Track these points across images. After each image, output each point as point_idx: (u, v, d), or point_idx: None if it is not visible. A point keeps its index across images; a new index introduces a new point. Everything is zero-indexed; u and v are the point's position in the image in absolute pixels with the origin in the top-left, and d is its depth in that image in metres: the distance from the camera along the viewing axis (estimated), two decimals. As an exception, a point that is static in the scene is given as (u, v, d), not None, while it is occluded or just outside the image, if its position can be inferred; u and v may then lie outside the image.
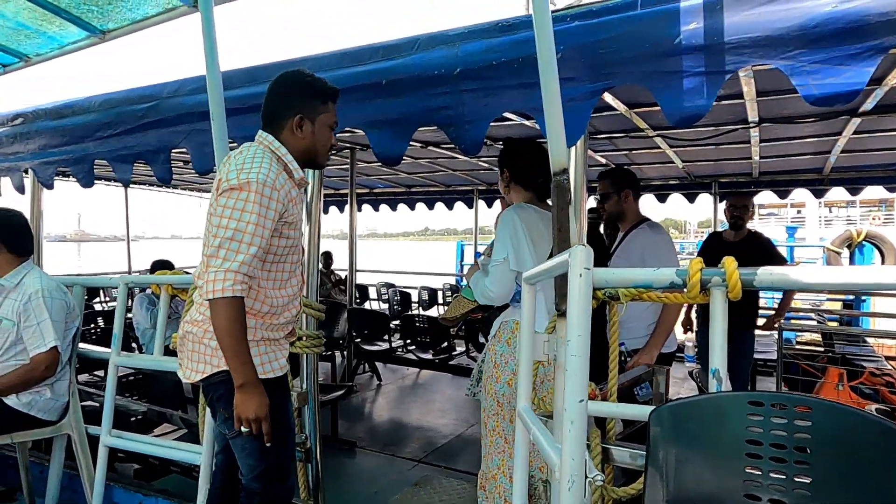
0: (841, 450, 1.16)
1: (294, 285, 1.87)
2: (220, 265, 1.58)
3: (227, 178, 1.66)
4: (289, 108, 1.78)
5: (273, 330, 1.81)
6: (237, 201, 1.62)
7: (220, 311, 1.59)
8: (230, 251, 1.60)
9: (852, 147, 4.35)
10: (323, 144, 1.84)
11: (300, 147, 1.80)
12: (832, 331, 4.97)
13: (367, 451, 3.96)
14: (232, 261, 1.59)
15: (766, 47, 1.51)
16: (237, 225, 1.61)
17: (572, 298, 0.90)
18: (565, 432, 0.87)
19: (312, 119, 1.80)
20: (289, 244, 1.79)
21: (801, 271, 1.26)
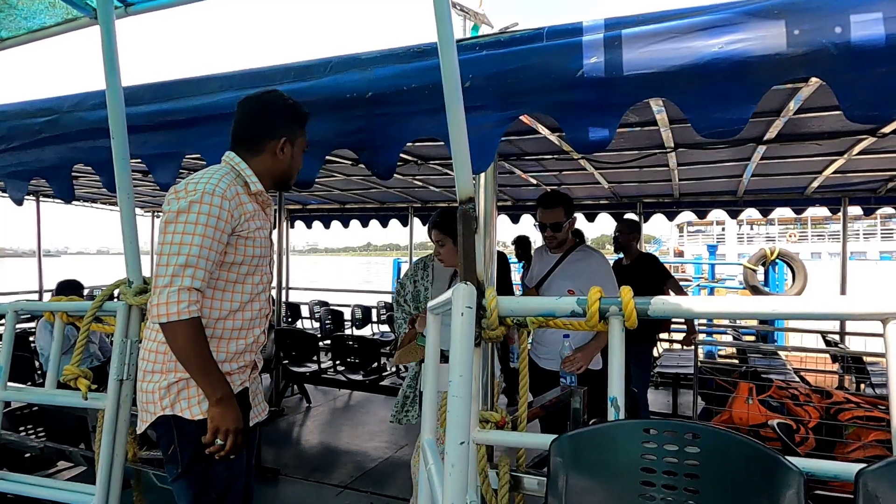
0: (727, 476, 1.20)
1: (255, 310, 1.78)
2: (171, 283, 1.54)
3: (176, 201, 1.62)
4: (273, 130, 1.78)
5: (227, 360, 1.71)
6: (185, 224, 1.58)
7: (177, 334, 1.54)
8: (178, 267, 1.55)
9: (762, 171, 4.64)
10: (297, 167, 1.88)
11: (278, 169, 1.82)
12: (745, 346, 5.23)
13: (291, 478, 3.82)
14: (181, 276, 1.54)
15: (661, 83, 1.57)
16: (182, 240, 1.56)
17: (454, 338, 0.88)
18: (446, 476, 0.84)
19: (293, 143, 1.82)
20: (247, 262, 1.72)
21: (690, 301, 1.30)
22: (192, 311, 1.54)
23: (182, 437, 1.65)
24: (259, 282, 1.79)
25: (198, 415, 1.64)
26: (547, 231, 2.94)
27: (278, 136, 1.78)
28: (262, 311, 1.82)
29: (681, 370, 5.24)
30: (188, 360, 1.57)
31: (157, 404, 1.64)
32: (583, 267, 2.86)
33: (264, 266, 1.81)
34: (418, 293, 3.31)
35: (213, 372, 1.59)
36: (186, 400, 1.65)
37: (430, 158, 4.54)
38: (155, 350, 1.67)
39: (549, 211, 2.96)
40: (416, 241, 8.05)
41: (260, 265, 1.78)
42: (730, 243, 18.03)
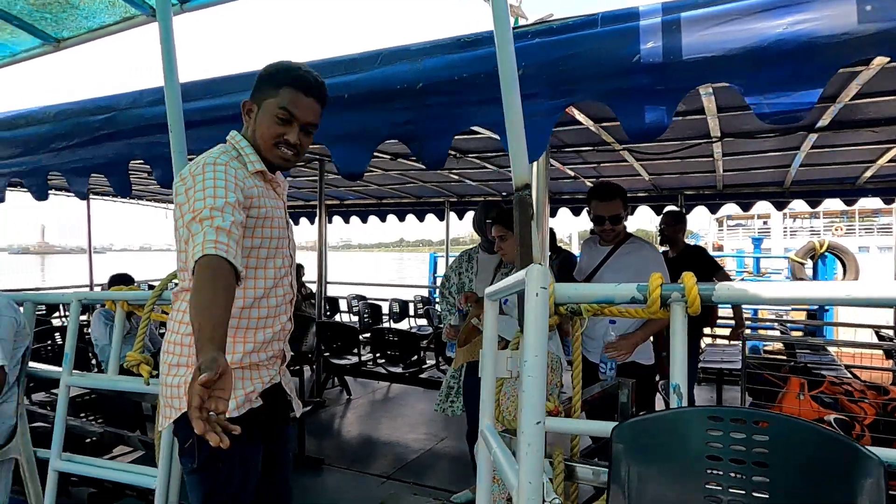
0: (798, 464, 1.17)
1: (279, 296, 1.64)
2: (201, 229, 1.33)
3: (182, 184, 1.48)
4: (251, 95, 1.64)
5: (256, 350, 1.58)
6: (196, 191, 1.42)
7: (196, 273, 1.28)
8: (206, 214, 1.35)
9: (811, 161, 4.49)
10: (263, 135, 1.58)
11: (248, 137, 1.62)
12: (794, 341, 5.08)
13: (335, 468, 3.88)
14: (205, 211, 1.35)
15: (721, 67, 1.54)
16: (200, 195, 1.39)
17: (528, 318, 0.89)
18: (521, 455, 0.85)
19: (259, 103, 1.60)
20: (266, 244, 1.59)
21: (757, 287, 1.27)
22: (219, 249, 1.29)
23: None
24: (281, 265, 1.65)
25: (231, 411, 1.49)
26: (606, 224, 2.85)
27: (251, 98, 1.62)
28: (287, 297, 1.69)
29: (725, 365, 5.12)
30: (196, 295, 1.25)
31: (184, 399, 1.47)
32: (634, 258, 2.81)
33: (284, 248, 1.66)
34: (462, 285, 3.33)
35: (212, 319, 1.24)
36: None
37: (468, 152, 4.55)
38: (180, 343, 1.54)
39: (607, 203, 2.86)
40: (452, 235, 8.07)
41: (280, 247, 1.64)
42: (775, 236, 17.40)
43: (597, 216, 2.88)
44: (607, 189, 2.90)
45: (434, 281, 9.74)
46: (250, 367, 1.57)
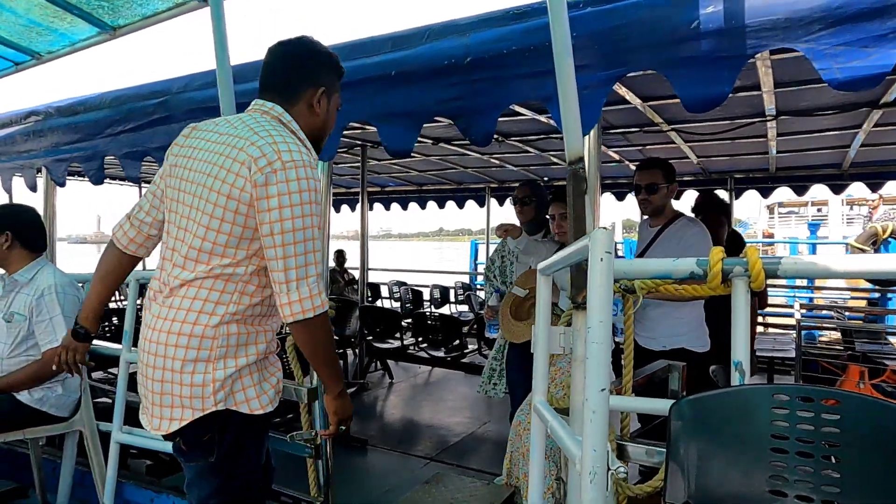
0: (872, 445, 1.11)
1: None
2: (306, 274, 1.39)
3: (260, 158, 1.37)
4: (311, 77, 1.55)
5: (271, 340, 1.58)
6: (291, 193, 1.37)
7: (319, 328, 1.42)
8: (309, 254, 1.40)
9: (873, 141, 4.26)
10: (332, 125, 1.65)
11: (313, 125, 1.57)
12: (852, 328, 4.87)
13: (379, 448, 3.94)
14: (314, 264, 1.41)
15: (787, 30, 1.46)
16: (304, 223, 1.39)
17: (593, 284, 0.86)
18: (586, 422, 0.83)
19: (330, 96, 1.59)
20: None
21: (827, 259, 1.21)
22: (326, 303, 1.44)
23: (228, 430, 1.46)
24: None
25: (257, 409, 1.48)
26: (641, 193, 2.78)
27: (316, 84, 1.55)
28: None
29: (777, 353, 4.96)
30: (326, 354, 1.47)
31: (210, 398, 1.41)
32: (682, 237, 2.72)
33: None
34: (504, 268, 3.32)
35: (338, 365, 1.52)
36: (243, 392, 1.46)
37: (510, 135, 4.49)
38: (202, 335, 1.41)
39: (644, 172, 2.80)
40: (493, 223, 8.03)
41: None
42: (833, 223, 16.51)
43: (635, 185, 2.82)
44: (648, 160, 2.85)
45: (475, 268, 9.73)
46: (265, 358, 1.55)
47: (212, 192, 1.40)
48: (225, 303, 1.43)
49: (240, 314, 1.45)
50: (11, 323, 2.38)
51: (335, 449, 2.47)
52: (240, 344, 1.45)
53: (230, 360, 1.43)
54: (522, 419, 2.61)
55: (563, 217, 2.86)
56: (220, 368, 1.42)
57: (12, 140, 3.46)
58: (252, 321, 1.49)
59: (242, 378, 1.46)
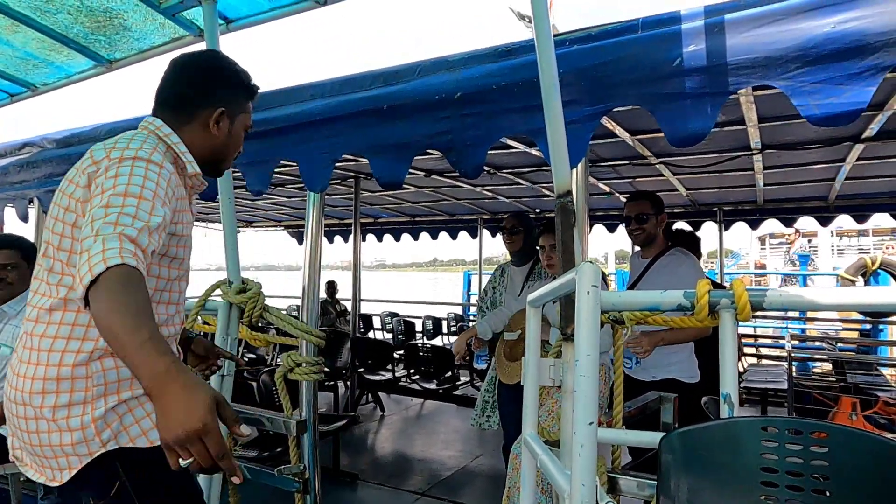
0: (862, 478, 1.11)
1: (176, 324, 1.43)
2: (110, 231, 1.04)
3: (93, 158, 1.22)
4: (208, 97, 1.40)
5: None
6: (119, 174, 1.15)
7: (110, 279, 0.99)
8: (122, 216, 1.08)
9: (857, 174, 4.35)
10: (235, 148, 1.50)
11: (210, 145, 1.42)
12: (843, 359, 4.88)
13: (369, 483, 3.86)
14: (127, 225, 1.06)
15: (766, 68, 1.51)
16: (126, 189, 1.12)
17: (580, 317, 0.87)
18: (575, 456, 0.82)
19: (232, 117, 1.44)
20: (177, 265, 1.37)
21: (813, 292, 1.22)
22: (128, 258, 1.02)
23: (132, 471, 1.23)
24: (181, 289, 1.43)
25: (157, 440, 1.21)
26: (632, 224, 2.84)
27: (214, 104, 1.40)
28: (180, 325, 1.47)
29: (770, 385, 4.94)
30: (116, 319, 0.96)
31: (94, 441, 1.19)
32: (673, 270, 2.76)
33: (187, 272, 1.45)
34: (496, 298, 3.32)
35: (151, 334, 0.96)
36: (137, 424, 1.24)
37: (502, 167, 4.55)
38: (72, 376, 1.19)
39: (634, 203, 2.87)
40: (486, 254, 8.06)
41: (187, 268, 1.44)
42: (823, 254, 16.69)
43: (626, 217, 2.89)
44: (636, 192, 2.94)
45: (468, 299, 9.71)
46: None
47: (57, 206, 1.27)
48: (93, 338, 1.20)
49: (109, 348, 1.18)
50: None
51: (326, 484, 2.42)
52: (121, 378, 1.23)
53: (111, 396, 1.22)
54: (519, 452, 2.58)
55: (552, 248, 2.89)
56: (99, 407, 1.20)
57: (6, 171, 3.47)
58: None
59: (133, 410, 1.24)
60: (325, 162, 2.23)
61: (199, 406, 0.88)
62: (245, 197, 6.02)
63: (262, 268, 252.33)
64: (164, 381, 0.91)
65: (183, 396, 0.89)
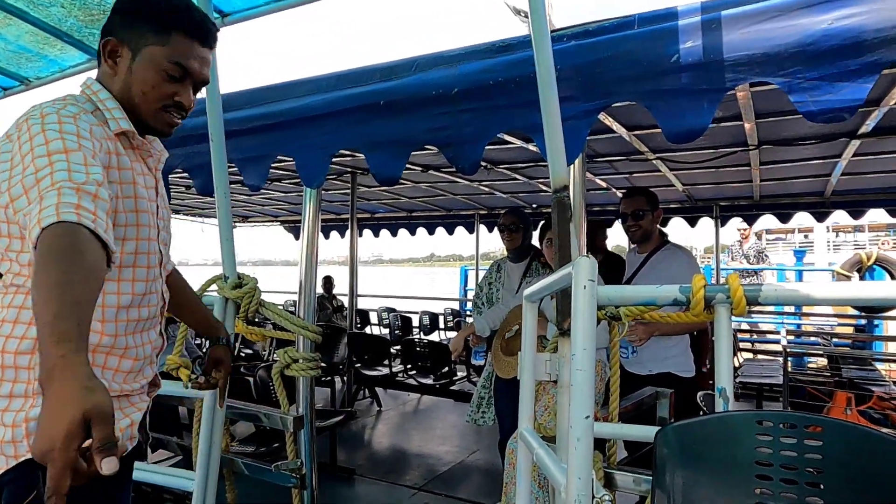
0: (854, 471, 1.12)
1: (152, 305, 1.25)
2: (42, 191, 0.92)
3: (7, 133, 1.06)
4: (106, 30, 1.20)
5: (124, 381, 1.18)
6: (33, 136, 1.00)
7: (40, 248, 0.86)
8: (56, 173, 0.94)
9: (853, 170, 4.36)
10: (147, 94, 1.18)
11: (114, 89, 1.19)
12: (838, 354, 4.90)
13: (366, 478, 3.87)
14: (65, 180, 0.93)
15: (764, 64, 1.51)
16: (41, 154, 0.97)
17: (577, 311, 0.87)
18: (571, 450, 0.83)
19: (134, 49, 1.17)
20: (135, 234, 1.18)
21: (808, 287, 1.23)
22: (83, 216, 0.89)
23: None
24: (154, 263, 1.24)
25: None
26: (628, 220, 2.87)
27: (108, 35, 1.19)
28: (159, 307, 1.29)
29: (765, 380, 4.97)
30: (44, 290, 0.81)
31: (22, 443, 1.02)
32: (669, 265, 2.77)
33: (153, 240, 1.24)
34: (492, 295, 3.32)
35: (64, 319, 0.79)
36: None
37: (499, 162, 4.55)
38: (14, 364, 1.05)
39: (629, 200, 2.91)
40: (482, 249, 8.06)
41: (150, 238, 1.22)
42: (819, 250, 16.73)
43: (622, 214, 2.90)
44: (631, 189, 2.96)
45: (465, 294, 9.71)
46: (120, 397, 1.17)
47: None
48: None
49: None
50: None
51: (323, 479, 2.43)
52: None
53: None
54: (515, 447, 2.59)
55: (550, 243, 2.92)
56: (38, 405, 1.02)
57: None
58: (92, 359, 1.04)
59: None
60: (321, 157, 2.23)
61: (57, 422, 0.70)
62: (241, 192, 6.01)
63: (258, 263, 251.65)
64: (52, 374, 0.74)
65: (53, 404, 0.72)
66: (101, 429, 0.71)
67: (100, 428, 0.71)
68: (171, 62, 1.18)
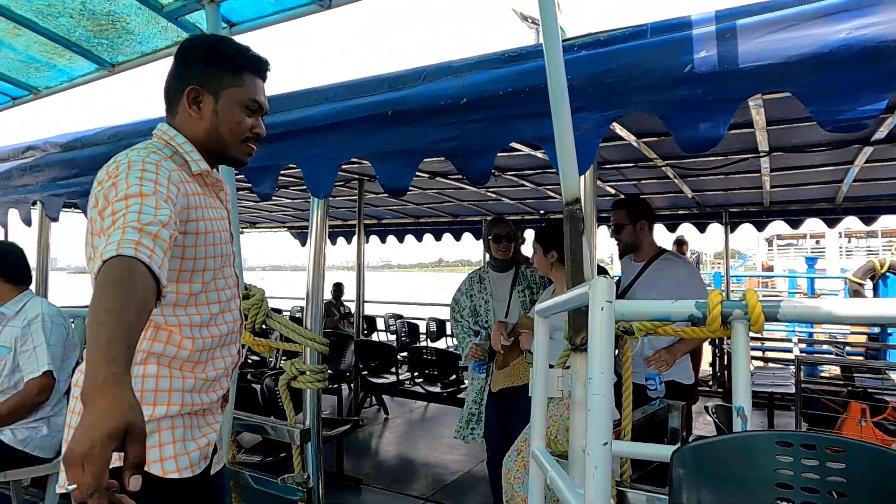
0: (878, 495, 1.08)
1: (229, 322, 1.38)
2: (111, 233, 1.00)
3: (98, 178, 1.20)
4: (182, 80, 1.33)
5: (204, 390, 1.30)
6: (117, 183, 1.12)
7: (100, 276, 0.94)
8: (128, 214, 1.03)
9: (866, 176, 4.31)
10: (231, 129, 1.34)
11: (199, 132, 1.33)
12: (852, 364, 4.83)
13: (373, 488, 3.84)
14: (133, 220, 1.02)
15: (780, 74, 1.48)
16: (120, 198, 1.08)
17: (594, 333, 0.85)
18: (588, 477, 0.80)
19: (216, 93, 1.32)
20: (210, 265, 1.30)
21: (829, 304, 1.19)
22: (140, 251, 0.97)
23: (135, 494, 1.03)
24: (225, 286, 1.38)
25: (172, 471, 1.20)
26: (612, 234, 2.97)
27: (188, 84, 1.31)
28: (236, 324, 1.42)
29: (777, 389, 4.91)
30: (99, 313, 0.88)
31: None
32: (668, 274, 2.76)
33: (228, 266, 1.39)
34: (476, 307, 3.27)
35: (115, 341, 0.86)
36: (158, 448, 1.19)
37: (506, 169, 4.52)
38: None
39: (613, 213, 2.99)
40: (489, 254, 8.02)
41: (225, 265, 1.37)
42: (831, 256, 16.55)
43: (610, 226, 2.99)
44: (616, 201, 3.02)
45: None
46: (196, 414, 1.28)
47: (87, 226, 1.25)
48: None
49: (157, 353, 1.22)
50: (-4, 357, 2.34)
51: (329, 489, 2.40)
52: (159, 389, 1.21)
53: (145, 406, 1.17)
54: (511, 466, 2.56)
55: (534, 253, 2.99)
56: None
57: (10, 175, 3.46)
58: (177, 365, 1.24)
59: (161, 433, 1.20)
60: (329, 168, 2.21)
61: (98, 427, 0.76)
62: (248, 199, 6.01)
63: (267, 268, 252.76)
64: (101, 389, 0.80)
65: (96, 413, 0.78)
66: (136, 447, 0.79)
67: (135, 446, 0.79)
68: (249, 99, 1.35)
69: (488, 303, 3.23)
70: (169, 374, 1.23)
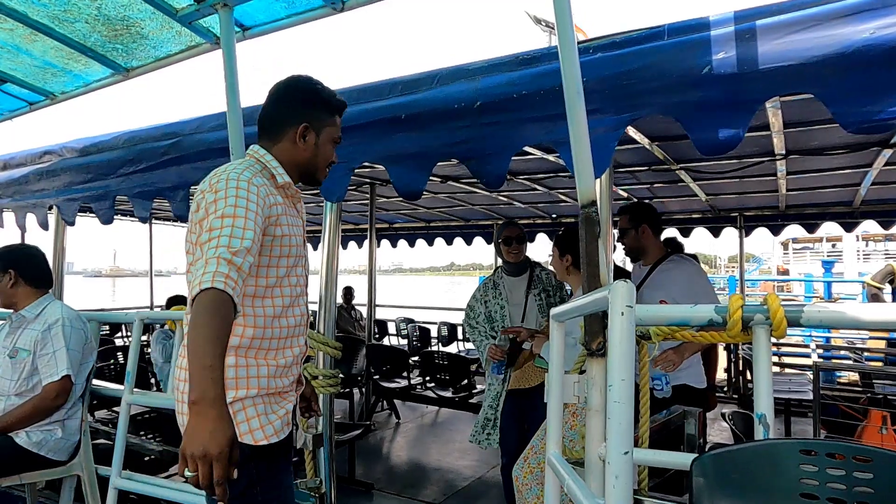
0: (908, 507, 1.05)
1: (297, 315, 1.60)
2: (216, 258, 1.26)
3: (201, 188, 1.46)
4: (293, 115, 1.61)
5: (278, 375, 1.52)
6: (217, 199, 1.36)
7: (200, 302, 1.20)
8: (221, 238, 1.29)
9: (884, 179, 4.24)
10: (325, 159, 1.67)
11: (300, 159, 1.63)
12: (871, 370, 4.74)
13: (385, 493, 3.82)
14: (225, 247, 1.27)
15: (801, 75, 1.46)
16: (217, 216, 1.33)
17: (614, 339, 0.83)
18: (609, 487, 0.78)
19: (318, 130, 1.63)
20: (284, 263, 1.53)
21: (854, 308, 1.16)
22: (228, 284, 1.23)
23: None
24: (296, 283, 1.60)
25: (261, 439, 1.45)
26: (617, 238, 2.94)
27: (298, 120, 1.60)
28: (303, 318, 1.64)
29: (794, 395, 4.82)
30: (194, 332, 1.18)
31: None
32: (675, 276, 2.73)
33: (300, 266, 1.61)
34: (491, 313, 3.24)
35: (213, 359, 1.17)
36: (246, 423, 1.44)
37: (518, 173, 4.50)
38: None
39: (618, 218, 2.96)
40: (500, 258, 8.00)
41: (296, 265, 1.59)
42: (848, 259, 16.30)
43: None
44: (619, 207, 3.01)
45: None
46: (273, 394, 1.51)
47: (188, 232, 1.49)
48: None
49: (234, 346, 1.43)
50: (15, 359, 2.36)
51: (340, 494, 2.39)
52: (238, 377, 1.45)
53: (230, 391, 1.39)
54: (518, 473, 2.53)
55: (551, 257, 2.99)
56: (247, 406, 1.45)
57: (27, 179, 3.50)
58: (253, 354, 1.48)
59: (246, 409, 1.45)
60: (342, 172, 2.21)
61: (222, 436, 1.10)
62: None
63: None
64: (208, 405, 1.12)
65: (214, 424, 1.10)
66: (236, 452, 1.13)
67: (235, 451, 1.13)
68: (338, 136, 1.70)
69: (504, 308, 3.20)
70: (246, 363, 1.46)
